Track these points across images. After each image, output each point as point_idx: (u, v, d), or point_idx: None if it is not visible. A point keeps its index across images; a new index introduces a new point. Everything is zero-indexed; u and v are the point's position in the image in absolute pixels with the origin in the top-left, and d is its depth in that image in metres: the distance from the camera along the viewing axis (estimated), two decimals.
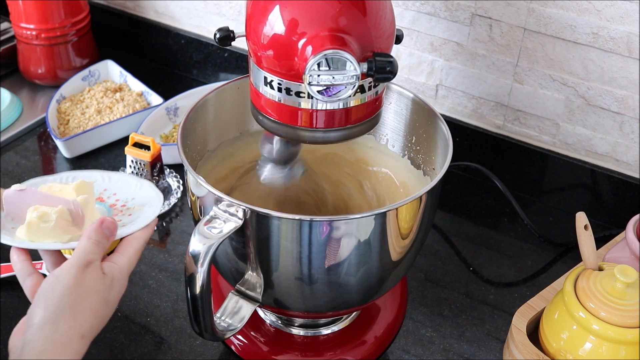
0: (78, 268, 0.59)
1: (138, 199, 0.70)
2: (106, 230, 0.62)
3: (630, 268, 0.70)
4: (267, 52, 0.63)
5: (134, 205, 0.69)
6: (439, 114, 0.76)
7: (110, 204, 0.69)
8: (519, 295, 0.90)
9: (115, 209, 0.68)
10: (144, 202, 0.69)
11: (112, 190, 0.71)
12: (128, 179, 0.72)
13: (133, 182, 0.72)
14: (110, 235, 0.62)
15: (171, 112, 1.15)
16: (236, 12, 1.20)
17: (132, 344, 0.82)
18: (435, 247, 0.97)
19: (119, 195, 0.71)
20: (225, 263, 0.72)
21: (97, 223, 0.62)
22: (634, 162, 0.96)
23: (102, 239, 0.62)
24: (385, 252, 0.69)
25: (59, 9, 1.20)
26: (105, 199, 0.70)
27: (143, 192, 0.70)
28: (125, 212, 0.68)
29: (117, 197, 0.70)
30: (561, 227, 1.01)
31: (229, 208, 0.64)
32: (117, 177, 0.73)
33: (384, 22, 0.64)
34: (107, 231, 0.62)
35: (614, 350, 0.70)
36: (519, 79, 0.99)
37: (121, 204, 0.69)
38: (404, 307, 0.87)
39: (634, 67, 0.89)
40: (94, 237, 0.61)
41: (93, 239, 0.61)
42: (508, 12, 0.94)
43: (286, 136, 0.68)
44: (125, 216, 0.67)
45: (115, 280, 0.61)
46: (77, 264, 0.59)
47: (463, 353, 0.82)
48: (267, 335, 0.81)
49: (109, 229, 0.62)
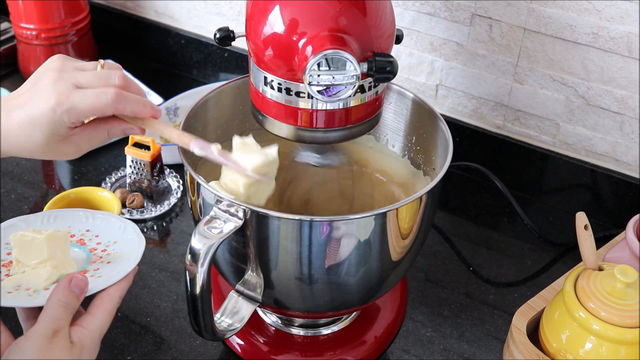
0: (44, 339, 0.53)
1: (120, 244, 0.67)
2: (75, 288, 0.57)
3: (630, 268, 0.70)
4: (267, 52, 0.63)
5: (114, 251, 0.66)
6: (439, 114, 0.76)
7: (91, 248, 0.67)
8: (519, 295, 0.90)
9: (95, 254, 0.66)
10: (125, 249, 0.66)
11: (95, 231, 0.69)
12: (112, 219, 0.70)
13: (117, 224, 0.69)
14: (80, 294, 0.57)
15: (171, 112, 1.15)
16: (236, 12, 1.20)
17: (132, 344, 0.82)
18: (435, 247, 0.97)
19: (100, 238, 0.68)
20: (225, 263, 0.72)
21: (66, 281, 0.57)
22: (634, 162, 0.96)
23: (71, 299, 0.56)
24: (385, 252, 0.69)
25: (59, 9, 1.20)
26: (87, 242, 0.68)
27: (126, 236, 0.68)
28: (104, 258, 0.65)
29: (98, 239, 0.68)
30: (561, 227, 1.01)
31: (229, 208, 0.64)
32: (101, 216, 0.70)
33: (384, 22, 0.64)
34: (77, 289, 0.57)
35: (614, 350, 0.70)
36: (519, 79, 0.99)
37: (102, 249, 0.66)
38: (404, 307, 0.87)
39: (634, 67, 0.89)
40: (63, 298, 0.56)
41: (62, 300, 0.55)
42: (508, 12, 0.94)
43: (286, 136, 0.68)
44: (103, 264, 0.64)
45: (85, 349, 0.56)
46: (43, 334, 0.54)
47: (463, 353, 0.82)
48: (267, 335, 0.81)
49: (78, 287, 0.57)
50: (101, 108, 0.61)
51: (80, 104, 0.60)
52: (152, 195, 1.01)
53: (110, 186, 1.04)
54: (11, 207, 1.00)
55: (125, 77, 0.64)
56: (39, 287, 0.60)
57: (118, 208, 0.91)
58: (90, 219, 0.70)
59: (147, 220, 1.00)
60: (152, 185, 1.01)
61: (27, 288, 0.60)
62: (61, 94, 0.60)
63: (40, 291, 0.59)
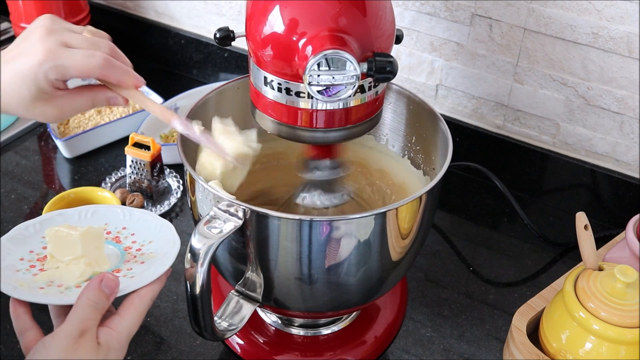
0: (70, 339, 0.53)
1: (155, 244, 0.66)
2: (106, 288, 0.56)
3: (630, 268, 0.70)
4: (267, 52, 0.63)
5: (149, 250, 0.65)
6: (439, 114, 0.76)
7: (126, 247, 0.66)
8: (519, 295, 0.90)
9: (130, 253, 0.65)
10: (160, 249, 0.65)
11: (131, 229, 0.68)
12: (149, 217, 0.68)
13: (154, 222, 0.68)
14: (110, 294, 0.56)
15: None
16: (236, 12, 1.20)
17: (132, 344, 0.81)
18: (435, 247, 0.97)
19: (136, 237, 0.67)
20: (225, 263, 0.72)
21: (97, 281, 0.56)
22: (634, 162, 0.96)
23: (101, 299, 0.55)
24: (385, 252, 0.69)
25: (59, 9, 1.20)
26: (122, 240, 0.67)
27: (161, 235, 0.66)
28: (138, 258, 0.64)
29: (134, 237, 0.67)
30: (561, 227, 1.01)
31: (229, 208, 0.64)
32: (138, 214, 0.69)
33: (384, 22, 0.64)
34: (108, 289, 0.56)
35: (614, 350, 0.70)
36: (519, 79, 0.99)
37: (137, 248, 0.65)
38: (404, 307, 0.87)
39: (634, 67, 0.89)
40: (93, 297, 0.55)
41: (92, 300, 0.55)
42: (508, 12, 0.94)
43: (286, 136, 0.68)
44: (137, 264, 0.63)
45: (112, 351, 0.55)
46: (70, 334, 0.53)
47: (463, 353, 0.82)
48: (267, 335, 0.81)
49: (109, 287, 0.56)
50: (88, 70, 0.61)
51: (67, 62, 0.60)
52: (152, 195, 1.01)
53: (110, 186, 1.04)
54: (11, 207, 1.00)
55: (113, 46, 0.64)
56: (71, 284, 0.59)
57: None
58: (128, 216, 0.69)
59: None
60: (152, 185, 1.01)
61: (59, 285, 0.60)
62: (50, 51, 0.60)
63: (72, 288, 0.59)
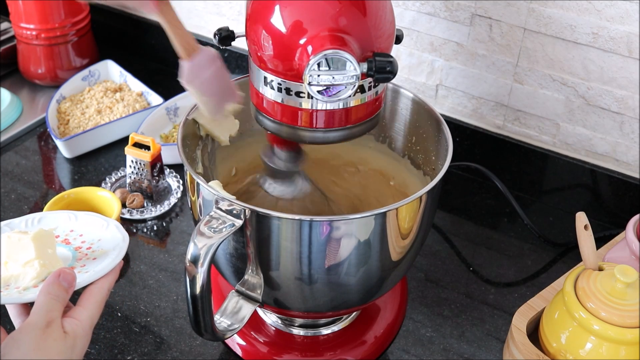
0: (38, 330, 0.55)
1: (104, 241, 0.68)
2: (64, 282, 0.59)
3: (630, 268, 0.70)
4: (267, 52, 0.63)
5: (99, 247, 0.67)
6: (439, 114, 0.76)
7: (76, 247, 0.68)
8: (519, 295, 0.90)
9: (81, 252, 0.67)
10: (109, 245, 0.67)
11: (79, 230, 0.70)
12: (94, 218, 0.71)
13: (99, 222, 0.71)
14: (69, 287, 0.59)
15: (171, 112, 1.15)
16: (236, 12, 1.20)
17: (132, 344, 0.82)
18: (435, 247, 0.97)
19: (85, 237, 0.69)
20: (225, 263, 0.72)
21: (54, 276, 0.58)
22: (634, 162, 0.96)
23: (61, 292, 0.58)
24: (385, 252, 0.69)
25: (59, 9, 1.20)
26: (72, 241, 0.69)
27: (109, 233, 0.69)
28: (90, 255, 0.66)
29: (83, 238, 0.69)
30: (561, 227, 1.01)
31: (229, 208, 0.64)
32: (83, 216, 0.71)
33: (384, 22, 0.64)
34: (66, 283, 0.59)
35: (614, 350, 0.70)
36: (519, 79, 0.99)
37: (87, 247, 0.68)
38: (404, 307, 0.87)
39: (634, 67, 0.89)
40: (53, 291, 0.58)
41: (52, 293, 0.57)
42: (508, 12, 0.94)
43: (286, 136, 0.68)
44: (89, 260, 0.65)
45: (78, 339, 0.57)
46: (37, 326, 0.55)
47: (463, 353, 0.82)
48: (267, 335, 0.81)
49: (67, 280, 0.59)
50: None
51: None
52: (152, 195, 1.01)
53: (110, 186, 1.04)
54: (11, 207, 1.00)
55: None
56: (29, 285, 0.61)
57: (118, 208, 0.91)
58: (74, 219, 0.71)
59: (147, 220, 1.00)
60: (152, 185, 1.01)
61: (16, 287, 0.61)
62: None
63: (30, 288, 0.61)
